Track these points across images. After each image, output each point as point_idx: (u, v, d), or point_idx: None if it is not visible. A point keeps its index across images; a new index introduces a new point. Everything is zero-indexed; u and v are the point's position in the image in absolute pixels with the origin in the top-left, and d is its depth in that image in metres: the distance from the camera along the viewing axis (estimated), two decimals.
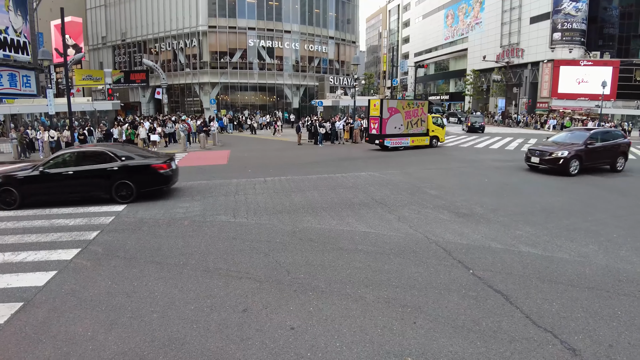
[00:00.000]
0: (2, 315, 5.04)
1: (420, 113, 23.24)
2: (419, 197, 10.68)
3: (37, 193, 10.56)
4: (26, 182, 10.36)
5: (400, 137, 22.76)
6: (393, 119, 22.16)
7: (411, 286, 5.46)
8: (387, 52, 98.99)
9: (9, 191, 10.26)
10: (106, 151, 10.88)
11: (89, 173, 10.62)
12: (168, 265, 6.42)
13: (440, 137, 24.77)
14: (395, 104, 22.70)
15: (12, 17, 36.53)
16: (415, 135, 23.30)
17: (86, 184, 10.68)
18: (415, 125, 23.13)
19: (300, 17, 50.21)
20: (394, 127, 22.33)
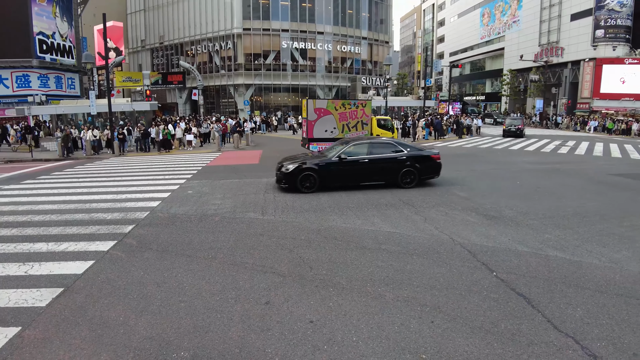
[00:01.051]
0: (44, 298, 5.48)
1: (361, 115, 20.20)
2: (448, 198, 10.65)
3: (334, 178, 11.62)
4: (325, 168, 11.43)
5: (332, 141, 20.02)
6: (322, 121, 19.71)
7: (432, 286, 5.52)
8: (422, 51, 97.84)
9: (309, 176, 11.35)
10: (393, 142, 12.27)
11: (382, 161, 11.73)
12: (197, 259, 6.75)
13: None
14: (325, 104, 20.07)
15: (58, 23, 38.56)
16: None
17: (378, 171, 11.84)
18: (354, 129, 20.16)
19: (333, 18, 50.44)
20: (324, 131, 19.79)
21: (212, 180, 14.15)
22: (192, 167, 17.48)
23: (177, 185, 13.26)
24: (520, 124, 33.25)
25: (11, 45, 35.30)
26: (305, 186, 11.41)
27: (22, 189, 13.62)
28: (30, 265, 6.62)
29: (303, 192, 11.40)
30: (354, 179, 11.87)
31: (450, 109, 53.32)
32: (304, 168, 11.40)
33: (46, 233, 8.34)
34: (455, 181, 13.15)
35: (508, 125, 33.25)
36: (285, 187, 11.67)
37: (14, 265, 6.64)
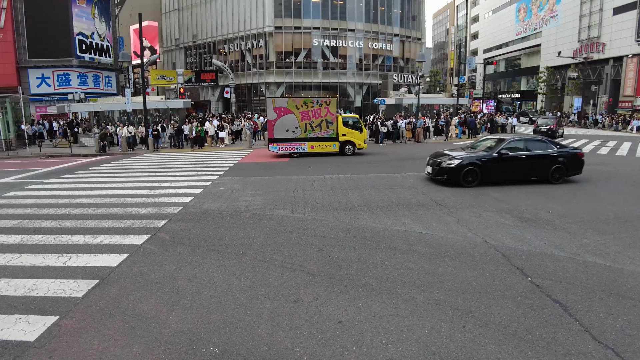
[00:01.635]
0: (81, 289, 5.68)
1: (325, 113, 19.39)
2: (482, 199, 10.39)
3: (493, 173, 12.09)
4: (486, 163, 12.03)
5: (293, 141, 19.56)
6: (283, 120, 19.24)
7: (464, 290, 5.39)
8: (455, 48, 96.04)
9: (472, 171, 11.92)
10: (544, 139, 12.71)
11: (537, 157, 12.25)
12: (228, 254, 6.84)
13: (357, 143, 20.40)
14: (286, 103, 19.40)
15: (97, 23, 39.90)
16: (317, 140, 19.74)
17: (532, 166, 12.36)
18: (319, 128, 19.55)
19: (364, 15, 50.11)
20: (285, 130, 19.37)
21: (243, 177, 14.34)
22: (224, 164, 17.75)
23: (210, 181, 13.49)
24: (553, 123, 30.33)
25: (53, 46, 36.79)
26: (467, 181, 11.90)
27: (61, 183, 14.17)
28: (68, 257, 6.87)
29: (464, 186, 11.87)
30: (510, 175, 12.35)
31: (484, 107, 52.12)
32: (467, 164, 11.88)
33: (83, 226, 8.65)
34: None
35: (540, 124, 30.71)
36: (447, 181, 12.16)
37: (53, 256, 6.92)
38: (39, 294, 5.58)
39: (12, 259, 6.89)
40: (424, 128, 27.99)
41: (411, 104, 40.29)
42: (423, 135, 27.79)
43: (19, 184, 14.24)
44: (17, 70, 36.74)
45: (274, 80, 49.02)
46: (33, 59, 36.85)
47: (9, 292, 5.65)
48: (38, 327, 4.76)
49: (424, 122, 28.21)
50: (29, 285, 5.86)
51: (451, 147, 16.08)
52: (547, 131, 29.22)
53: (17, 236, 8.14)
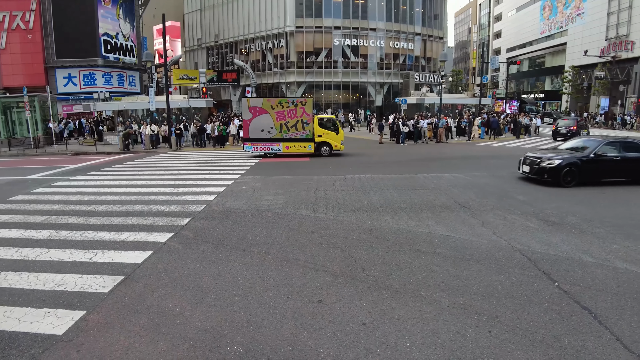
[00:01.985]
0: (107, 285, 5.78)
1: (301, 114, 19.22)
2: (506, 202, 10.19)
3: (590, 174, 12.39)
4: (586, 164, 12.30)
5: (268, 142, 19.54)
6: (258, 120, 19.23)
7: (489, 294, 5.28)
8: (477, 47, 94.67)
9: (571, 171, 12.18)
10: (637, 142, 13.01)
11: (631, 160, 12.52)
12: (251, 253, 6.88)
13: (333, 144, 20.04)
14: (261, 103, 19.32)
15: (121, 24, 40.73)
16: (292, 140, 19.60)
17: (626, 169, 12.59)
18: (294, 129, 19.40)
19: (386, 14, 49.85)
20: (261, 130, 19.34)
21: (264, 176, 14.42)
22: (246, 163, 17.89)
23: (232, 180, 13.61)
24: (573, 124, 28.50)
25: (79, 46, 37.72)
26: (566, 180, 12.12)
27: (87, 180, 14.49)
28: (94, 253, 7.01)
29: (564, 186, 12.05)
30: (604, 175, 12.56)
31: (507, 108, 51.23)
32: (568, 164, 12.11)
33: (109, 223, 8.82)
34: (514, 184, 12.59)
35: (560, 126, 28.86)
36: (547, 180, 12.32)
37: (80, 252, 7.07)
38: (66, 288, 5.70)
39: (40, 254, 7.07)
40: (446, 128, 27.65)
41: (433, 104, 39.93)
42: (445, 136, 27.47)
43: (47, 181, 14.62)
44: (45, 70, 37.77)
45: (295, 80, 49.18)
46: (60, 59, 37.82)
47: (38, 286, 5.80)
48: (66, 321, 4.87)
49: (446, 122, 27.88)
50: (57, 279, 5.99)
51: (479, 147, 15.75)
52: (566, 133, 27.73)
53: (45, 231, 8.35)
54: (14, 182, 14.62)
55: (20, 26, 36.96)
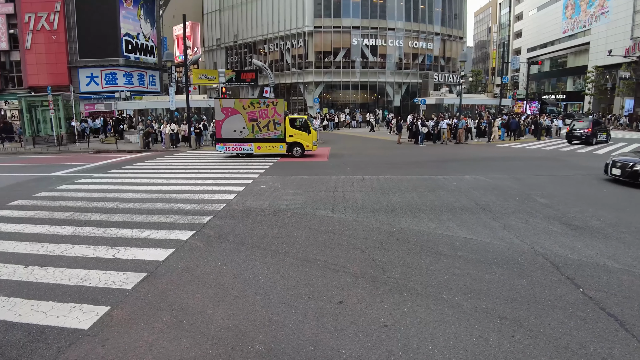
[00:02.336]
0: (130, 281, 5.88)
1: (272, 114, 19.28)
2: (528, 205, 10.03)
3: None
4: None
5: (241, 142, 19.68)
6: (230, 120, 19.43)
7: (512, 299, 5.21)
8: (497, 47, 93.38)
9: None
10: None
11: None
12: (272, 252, 6.92)
13: (304, 144, 19.82)
14: (233, 104, 19.53)
15: (142, 24, 41.37)
16: (264, 140, 19.68)
17: None
18: (266, 129, 19.49)
19: (405, 13, 49.57)
20: (233, 131, 19.52)
21: (283, 175, 14.48)
22: (264, 163, 17.99)
23: (251, 179, 13.70)
24: (588, 127, 26.19)
25: (101, 46, 38.43)
26: None
27: (108, 178, 14.76)
28: (117, 250, 7.14)
29: None
30: None
31: (528, 109, 50.39)
32: None
33: (130, 220, 8.96)
34: (535, 186, 12.38)
35: (574, 128, 26.89)
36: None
37: (103, 249, 7.20)
38: (91, 284, 5.82)
39: (65, 250, 7.23)
40: (466, 129, 27.35)
41: (452, 104, 39.54)
42: (465, 137, 27.18)
43: (70, 178, 14.94)
44: (69, 70, 38.58)
45: (313, 80, 49.25)
46: (83, 59, 38.59)
47: (63, 281, 5.93)
48: (91, 316, 4.97)
49: (466, 123, 27.57)
50: (82, 275, 6.12)
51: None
52: (580, 136, 26.10)
53: (69, 227, 8.54)
54: (39, 179, 14.99)
55: (45, 27, 37.82)
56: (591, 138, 25.67)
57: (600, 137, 26.68)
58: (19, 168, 18.70)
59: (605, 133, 27.36)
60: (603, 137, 26.92)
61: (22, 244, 7.62)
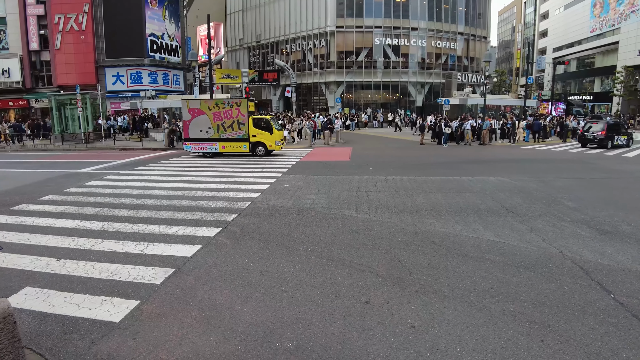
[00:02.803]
0: (159, 277, 6.00)
1: (236, 114, 19.75)
2: (555, 208, 9.83)
3: None
4: None
5: (206, 141, 20.16)
6: (196, 121, 19.94)
7: (541, 303, 5.12)
8: (521, 47, 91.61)
9: None
10: None
11: None
12: (297, 251, 6.97)
13: (267, 144, 20.28)
14: (199, 104, 20.05)
15: (167, 25, 42.07)
16: (229, 140, 20.18)
17: None
18: (230, 129, 19.95)
19: (427, 13, 49.14)
20: (199, 131, 20.01)
21: (306, 175, 14.54)
22: (287, 162, 18.10)
23: (274, 178, 13.81)
24: (602, 129, 24.10)
25: (127, 46, 39.25)
26: None
27: (135, 175, 15.08)
28: (145, 245, 7.29)
29: None
30: None
31: (553, 110, 49.33)
32: None
33: (158, 216, 9.15)
34: (562, 189, 12.12)
35: (586, 130, 24.96)
36: None
37: (131, 244, 7.37)
38: (120, 278, 5.96)
39: (95, 244, 7.43)
40: (490, 130, 26.95)
41: (476, 105, 39.03)
42: (489, 138, 26.78)
43: (98, 174, 15.32)
44: (96, 69, 39.52)
45: (334, 80, 49.24)
46: (110, 58, 39.46)
47: (94, 275, 6.10)
48: (122, 309, 5.09)
49: (490, 124, 27.17)
50: (112, 269, 6.28)
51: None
52: (593, 139, 24.27)
53: (98, 222, 8.77)
54: (68, 175, 15.42)
55: (74, 28, 38.82)
56: (606, 141, 23.97)
57: (619, 140, 24.73)
58: (50, 164, 19.27)
59: (625, 136, 25.29)
60: (623, 140, 24.95)
61: (53, 237, 7.87)
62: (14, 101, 40.15)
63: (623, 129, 26.19)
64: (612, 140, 24.25)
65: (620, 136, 24.86)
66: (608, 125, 24.65)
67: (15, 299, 5.40)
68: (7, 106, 40.65)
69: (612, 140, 24.21)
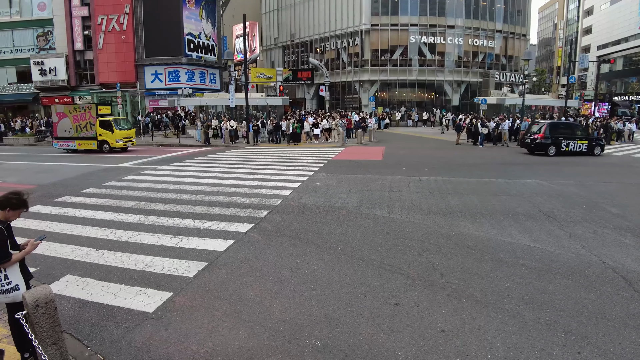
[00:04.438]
0: (192, 270, 6.16)
1: (89, 117, 22.90)
2: (597, 214, 9.39)
3: None
4: None
5: (69, 140, 23.48)
6: (62, 122, 23.18)
7: (578, 313, 4.91)
8: (563, 45, 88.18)
9: None
10: None
11: None
12: (327, 249, 6.97)
13: (110, 142, 22.96)
14: (62, 109, 23.70)
15: (204, 24, 42.89)
16: (83, 138, 23.29)
17: None
18: (85, 129, 23.11)
19: (465, 10, 47.99)
20: (64, 131, 23.32)
21: (337, 173, 14.50)
22: (319, 160, 18.12)
23: (306, 176, 13.86)
24: (539, 132, 20.71)
25: (165, 45, 40.23)
26: None
27: (172, 170, 15.47)
28: (179, 239, 7.49)
29: None
30: None
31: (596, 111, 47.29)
32: None
33: (192, 211, 9.36)
34: (605, 194, 11.58)
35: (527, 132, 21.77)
36: None
37: (166, 237, 7.58)
38: (155, 270, 6.15)
39: (132, 236, 7.69)
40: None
41: (514, 105, 37.94)
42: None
43: (136, 169, 15.82)
44: (135, 68, 40.72)
45: (368, 78, 48.88)
46: (148, 57, 40.57)
47: (130, 266, 6.32)
48: (155, 300, 5.25)
49: (527, 125, 26.29)
50: (147, 261, 6.48)
51: None
52: (530, 143, 20.93)
53: (135, 216, 9.07)
54: (108, 169, 16.00)
55: (115, 28, 40.16)
56: (546, 146, 20.52)
57: (572, 146, 20.78)
58: (91, 159, 20.05)
59: (585, 141, 21.15)
60: (579, 146, 20.87)
61: (93, 228, 8.20)
62: (59, 98, 41.98)
63: (582, 131, 22.54)
64: (559, 146, 20.72)
65: (574, 141, 21.01)
66: (550, 126, 21.36)
67: (57, 286, 5.66)
68: (54, 103, 42.45)
69: (557, 145, 20.70)
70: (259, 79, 46.83)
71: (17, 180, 14.00)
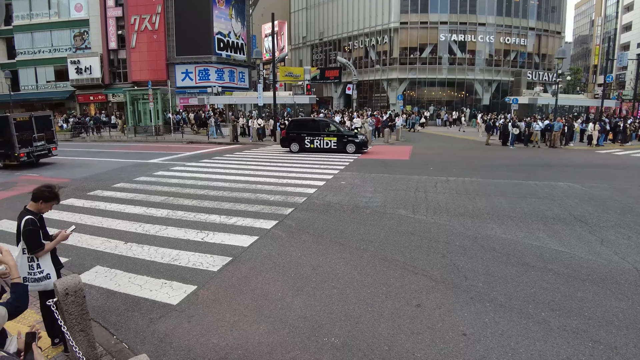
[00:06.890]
0: (216, 264, 6.28)
1: None
2: (632, 219, 9.01)
3: None
4: None
5: None
6: None
7: (608, 322, 4.73)
8: (600, 43, 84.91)
9: None
10: None
11: None
12: (350, 248, 6.97)
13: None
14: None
15: (233, 23, 43.44)
16: None
17: None
18: None
19: (496, 7, 46.81)
20: None
21: (363, 173, 14.45)
22: (344, 159, 18.08)
23: (331, 175, 13.88)
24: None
25: (196, 44, 40.99)
26: None
27: (200, 167, 15.75)
28: (205, 234, 7.64)
29: None
30: None
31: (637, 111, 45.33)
32: None
33: (219, 207, 9.54)
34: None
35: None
36: None
37: (193, 232, 7.74)
38: (180, 263, 6.30)
39: (159, 230, 7.88)
40: (563, 132, 25.28)
41: (547, 104, 36.87)
42: (560, 140, 25.13)
43: (166, 165, 16.18)
44: (166, 66, 41.66)
45: (397, 77, 48.41)
46: (179, 56, 41.42)
47: (156, 259, 6.49)
48: (179, 293, 5.38)
49: (561, 126, 25.49)
50: (173, 255, 6.64)
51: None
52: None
53: (164, 210, 9.29)
54: (139, 165, 16.42)
55: (148, 27, 41.17)
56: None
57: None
58: (122, 154, 20.62)
59: None
60: None
61: (123, 222, 8.45)
62: (94, 96, 43.42)
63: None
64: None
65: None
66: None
67: (87, 276, 5.88)
68: (89, 100, 44.02)
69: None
70: (287, 78, 47.09)
71: (53, 175, 14.58)
